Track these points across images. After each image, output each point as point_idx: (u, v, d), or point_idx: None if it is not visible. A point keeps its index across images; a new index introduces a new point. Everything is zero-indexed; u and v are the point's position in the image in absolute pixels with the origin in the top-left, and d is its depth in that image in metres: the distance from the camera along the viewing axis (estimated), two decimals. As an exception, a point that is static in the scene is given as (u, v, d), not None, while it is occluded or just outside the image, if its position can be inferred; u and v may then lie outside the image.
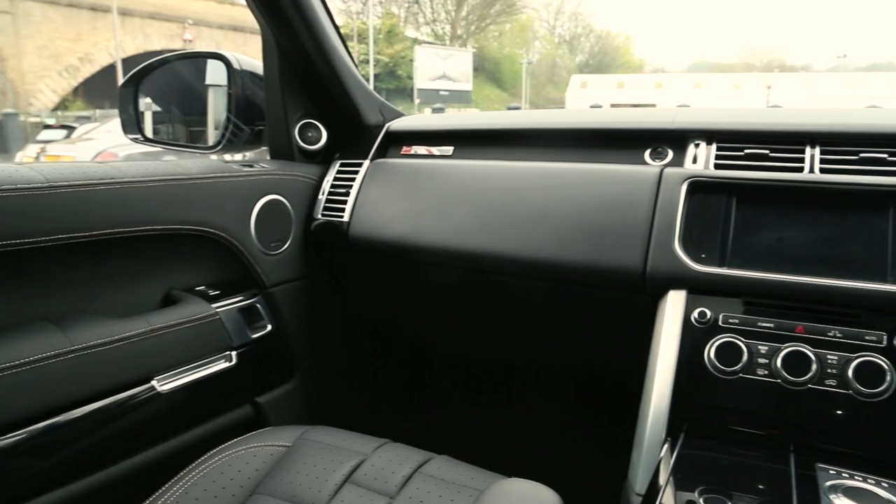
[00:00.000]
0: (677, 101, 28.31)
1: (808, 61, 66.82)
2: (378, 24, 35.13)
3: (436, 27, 43.19)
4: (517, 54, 45.55)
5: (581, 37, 55.91)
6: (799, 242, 0.97)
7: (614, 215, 1.06)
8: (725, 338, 0.93)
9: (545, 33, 54.01)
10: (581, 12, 59.62)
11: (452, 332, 1.52)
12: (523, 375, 1.67)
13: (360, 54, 31.24)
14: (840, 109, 1.21)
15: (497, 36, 47.15)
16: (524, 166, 1.20)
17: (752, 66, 56.68)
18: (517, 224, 1.13)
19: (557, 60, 51.86)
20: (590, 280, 1.07)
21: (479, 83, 37.78)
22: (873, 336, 0.89)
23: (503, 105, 35.42)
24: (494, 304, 1.27)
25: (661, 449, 0.91)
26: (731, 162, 1.06)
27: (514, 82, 41.40)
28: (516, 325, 1.32)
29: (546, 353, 1.40)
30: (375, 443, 0.97)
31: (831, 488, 0.79)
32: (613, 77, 40.37)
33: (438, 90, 30.58)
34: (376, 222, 1.27)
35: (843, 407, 0.88)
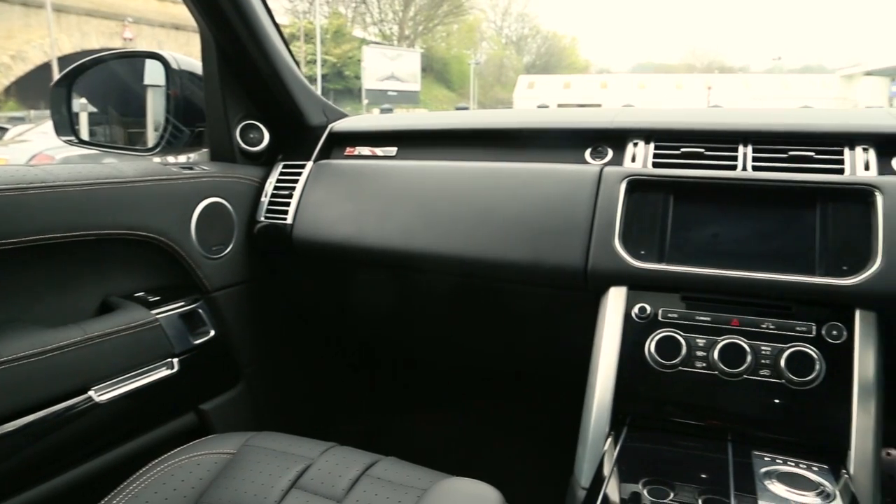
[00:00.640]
0: (622, 101, 28.91)
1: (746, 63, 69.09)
2: (325, 24, 34.80)
3: (383, 27, 43.03)
4: (465, 55, 45.71)
5: (528, 38, 56.52)
6: (733, 238, 1.01)
7: (556, 214, 1.08)
8: (665, 332, 0.96)
9: (493, 34, 54.38)
10: (528, 13, 60.31)
11: (400, 333, 1.52)
12: (472, 374, 1.68)
13: (308, 54, 30.87)
14: (771, 110, 1.26)
15: (445, 37, 47.26)
16: (468, 166, 1.21)
17: (694, 67, 58.26)
18: (461, 224, 1.14)
19: (505, 61, 52.26)
20: (533, 278, 1.08)
21: (427, 84, 37.80)
22: (803, 327, 0.93)
23: (451, 105, 35.53)
24: (440, 304, 1.27)
25: (605, 442, 0.93)
26: (669, 160, 1.09)
27: (462, 83, 41.58)
28: (463, 325, 1.33)
29: (493, 352, 1.41)
30: (322, 447, 0.96)
31: (766, 474, 0.82)
32: (560, 77, 40.99)
33: (386, 91, 30.47)
34: (320, 224, 1.25)
35: (777, 396, 0.91)
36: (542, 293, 1.11)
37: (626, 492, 0.81)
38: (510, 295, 1.16)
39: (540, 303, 1.15)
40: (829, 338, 0.91)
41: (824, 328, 0.92)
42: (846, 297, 0.92)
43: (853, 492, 0.82)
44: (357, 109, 24.27)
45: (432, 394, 1.77)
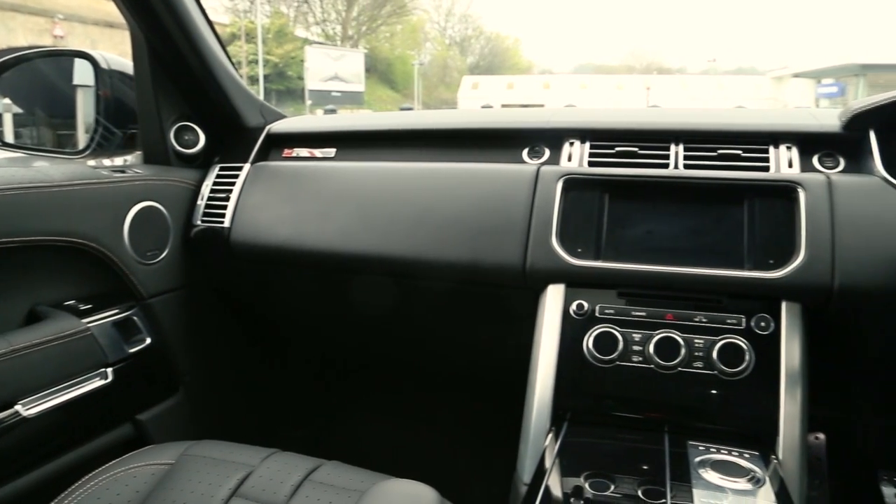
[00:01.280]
0: (564, 102, 29.36)
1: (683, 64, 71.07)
2: (266, 24, 34.18)
3: (326, 27, 42.58)
4: (409, 55, 45.63)
5: (471, 38, 56.79)
6: (666, 234, 1.04)
7: (494, 214, 1.09)
8: (602, 328, 0.98)
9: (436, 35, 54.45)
10: (471, 14, 60.56)
11: (342, 336, 1.51)
12: (416, 375, 1.68)
13: (249, 54, 30.30)
14: (702, 110, 1.30)
15: (388, 37, 47.08)
16: (407, 167, 1.21)
17: (633, 68, 59.59)
18: (400, 225, 1.14)
19: (449, 62, 52.42)
20: (473, 278, 1.09)
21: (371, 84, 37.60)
22: (733, 319, 0.96)
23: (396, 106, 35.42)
24: (383, 304, 1.27)
25: (546, 438, 0.94)
26: (604, 159, 1.12)
27: (407, 83, 41.53)
28: (405, 325, 1.33)
29: (435, 351, 1.42)
30: (264, 453, 0.94)
31: (700, 463, 0.85)
32: (503, 78, 41.37)
33: (330, 91, 30.15)
34: (258, 227, 1.24)
35: (710, 386, 0.94)
36: (481, 292, 1.12)
37: (568, 486, 0.83)
38: (450, 294, 1.17)
39: (479, 302, 1.16)
40: (757, 329, 0.95)
41: (753, 320, 0.96)
42: (773, 289, 0.96)
43: (781, 476, 0.86)
44: (300, 110, 23.95)
45: (377, 396, 1.77)
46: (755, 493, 0.80)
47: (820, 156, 1.09)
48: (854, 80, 23.84)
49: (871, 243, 0.95)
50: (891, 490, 1.54)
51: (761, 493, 0.80)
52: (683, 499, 0.78)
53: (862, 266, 0.94)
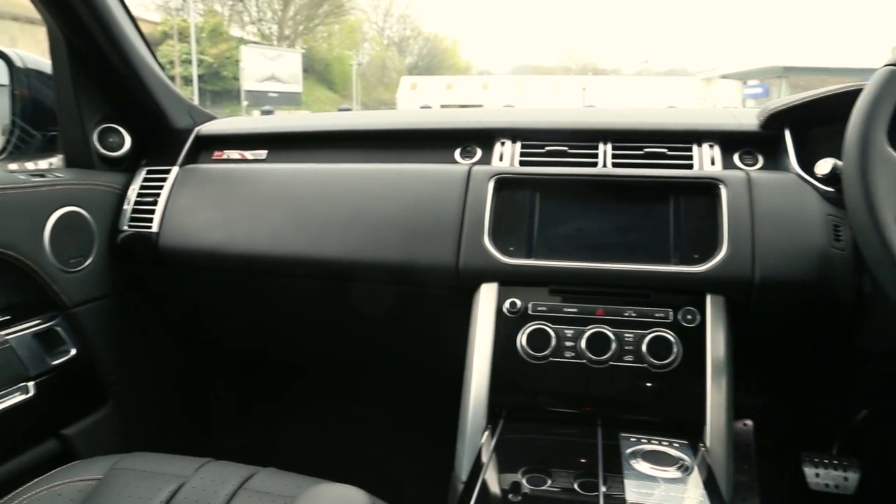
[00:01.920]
0: (503, 102, 29.67)
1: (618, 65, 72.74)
2: (200, 22, 33.30)
3: (262, 27, 41.77)
4: (347, 56, 45.23)
5: (410, 39, 56.73)
6: (596, 231, 1.06)
7: (427, 214, 1.10)
8: (535, 325, 1.00)
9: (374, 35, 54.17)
10: (409, 15, 60.52)
11: (277, 340, 1.49)
12: (354, 377, 1.67)
13: (182, 54, 29.43)
14: (630, 109, 1.33)
15: (326, 37, 46.57)
16: (339, 168, 1.20)
17: (570, 69, 60.61)
18: (333, 227, 1.13)
19: (387, 62, 52.22)
20: (407, 278, 1.10)
21: (309, 85, 37.11)
22: (661, 313, 0.99)
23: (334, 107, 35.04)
24: (317, 308, 1.26)
25: (483, 436, 0.95)
26: (534, 159, 1.14)
27: (345, 84, 41.14)
28: (341, 328, 1.32)
29: (372, 353, 1.41)
30: (197, 463, 0.92)
31: (631, 454, 0.87)
32: (442, 79, 41.43)
33: (267, 92, 29.60)
34: (188, 232, 1.21)
35: (640, 379, 0.97)
36: (415, 292, 1.13)
37: (506, 482, 0.84)
38: (385, 296, 1.17)
39: (414, 302, 1.16)
40: (684, 322, 0.98)
41: (680, 313, 0.99)
42: (698, 283, 1.00)
43: (709, 463, 0.89)
44: (236, 111, 23.42)
45: (315, 400, 1.75)
46: (684, 481, 0.83)
47: (740, 153, 1.13)
48: (777, 81, 24.92)
49: (788, 237, 0.99)
50: (812, 470, 1.62)
51: (690, 481, 0.83)
52: (616, 490, 0.80)
53: (780, 259, 0.98)
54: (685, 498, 0.80)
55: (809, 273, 0.98)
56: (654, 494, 0.79)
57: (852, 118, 0.83)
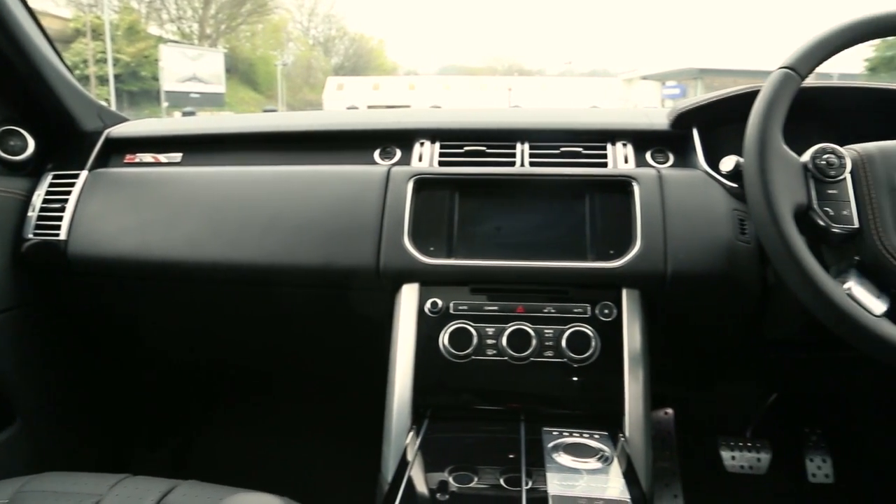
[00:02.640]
0: (430, 102, 29.71)
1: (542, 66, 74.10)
2: (115, 20, 31.94)
3: (182, 25, 40.42)
4: (272, 56, 44.33)
5: (335, 39, 56.12)
6: (515, 230, 1.08)
7: (346, 216, 1.09)
8: (457, 324, 1.00)
9: (299, 35, 53.31)
10: (334, 14, 59.85)
11: (197, 349, 1.45)
12: (277, 384, 1.64)
13: (97, 52, 28.16)
14: (548, 109, 1.36)
15: (249, 36, 45.51)
16: (257, 171, 1.18)
17: (496, 70, 61.39)
18: (250, 231, 1.11)
19: (313, 62, 51.51)
20: (327, 282, 1.09)
21: (232, 85, 36.20)
22: (580, 308, 1.02)
23: (259, 108, 34.27)
24: (236, 314, 1.23)
25: (408, 436, 0.95)
26: (454, 159, 1.15)
27: (270, 84, 40.30)
28: (262, 334, 1.30)
29: (295, 358, 1.39)
30: (112, 480, 0.88)
31: (553, 448, 0.89)
32: (369, 79, 41.16)
33: (189, 93, 28.68)
34: (99, 239, 1.16)
35: (561, 374, 0.99)
36: (336, 295, 1.12)
37: (433, 482, 0.84)
38: (305, 300, 1.15)
39: (335, 305, 1.15)
40: (601, 316, 1.01)
41: (597, 308, 1.02)
42: (613, 278, 1.03)
43: (628, 452, 0.92)
44: (156, 113, 22.61)
45: (237, 408, 1.71)
46: (605, 471, 0.85)
47: (652, 152, 1.17)
48: (693, 82, 25.95)
49: (697, 232, 1.04)
50: (728, 453, 1.69)
51: (610, 470, 0.85)
52: (539, 483, 0.81)
53: (690, 253, 1.02)
54: (605, 487, 0.82)
55: (717, 266, 1.02)
56: (576, 486, 0.81)
57: (750, 118, 0.87)
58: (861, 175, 0.86)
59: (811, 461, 1.70)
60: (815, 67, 0.88)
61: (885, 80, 1.36)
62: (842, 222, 0.85)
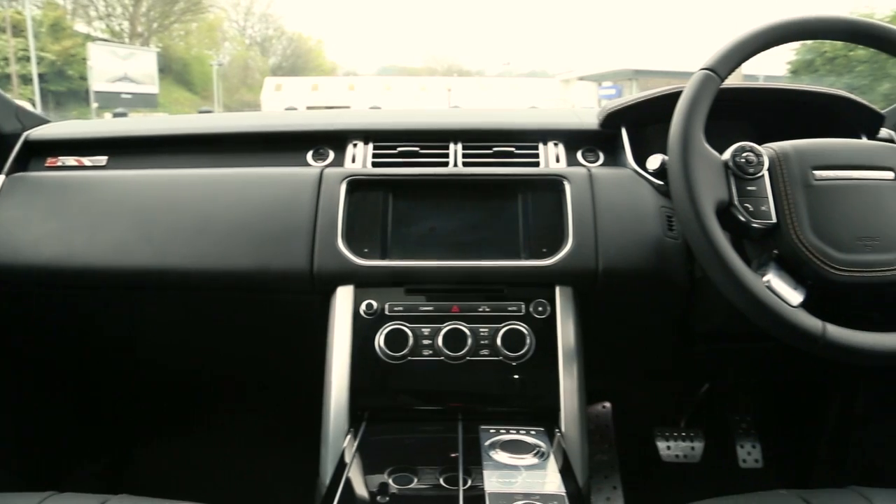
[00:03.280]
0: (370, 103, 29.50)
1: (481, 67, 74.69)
2: (38, 16, 30.59)
3: (111, 23, 39.03)
4: (207, 55, 43.25)
5: (273, 39, 55.21)
6: (449, 230, 1.09)
7: (278, 218, 1.07)
8: (392, 325, 1.00)
9: (235, 34, 52.23)
10: (271, 14, 58.86)
11: (129, 356, 1.40)
12: (214, 391, 1.61)
13: (18, 50, 26.88)
14: (482, 110, 1.38)
15: (183, 35, 44.31)
16: (186, 174, 1.15)
17: (435, 70, 61.58)
18: (180, 235, 1.08)
19: (250, 62, 50.55)
20: (261, 286, 1.07)
21: (166, 85, 35.17)
22: (514, 306, 1.03)
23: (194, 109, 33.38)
24: (169, 321, 1.20)
25: (345, 440, 0.95)
26: (387, 160, 1.15)
27: (206, 85, 39.30)
28: (196, 340, 1.27)
29: (231, 365, 1.37)
30: (36, 499, 0.85)
31: (490, 445, 0.90)
32: (308, 80, 40.61)
33: (120, 93, 27.67)
34: (17, 247, 1.11)
35: (497, 372, 1.00)
36: (271, 300, 1.10)
37: (373, 484, 0.84)
38: (239, 305, 1.13)
39: (270, 310, 1.14)
40: (535, 314, 1.03)
41: (531, 305, 1.03)
42: (546, 276, 1.04)
43: (564, 447, 0.93)
44: (85, 114, 21.77)
45: (173, 418, 1.66)
46: (542, 467, 0.86)
47: (583, 151, 1.20)
48: (629, 83, 26.57)
49: (627, 229, 1.06)
50: (664, 444, 1.74)
51: (546, 466, 0.87)
52: (477, 481, 0.82)
53: (620, 250, 1.05)
54: (541, 483, 0.83)
55: (647, 261, 1.05)
56: (512, 482, 0.82)
57: (674, 118, 0.90)
58: (778, 172, 0.90)
59: (741, 447, 1.77)
60: (734, 69, 0.92)
61: (805, 83, 1.43)
62: (761, 218, 0.88)
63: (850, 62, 8.28)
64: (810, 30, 0.92)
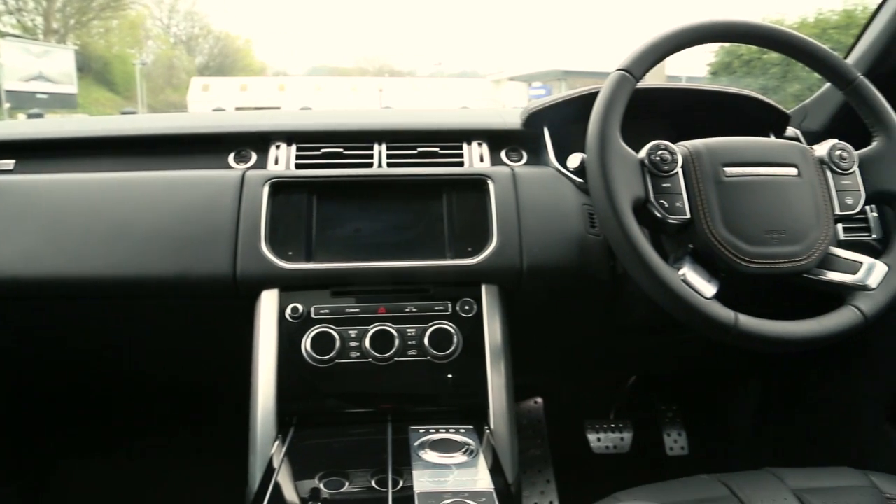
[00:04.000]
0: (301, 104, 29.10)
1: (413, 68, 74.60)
2: (-61, 12, 28.85)
3: (23, 18, 37.11)
4: (129, 54, 41.66)
5: (199, 38, 53.66)
6: (374, 231, 1.09)
7: (199, 223, 1.05)
8: (319, 328, 1.00)
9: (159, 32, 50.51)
10: (197, 12, 57.16)
11: (45, 369, 1.34)
12: (140, 402, 1.55)
13: (-82, 48, 25.24)
14: (409, 110, 1.38)
15: (103, 33, 42.54)
16: (101, 178, 1.11)
17: (366, 70, 61.12)
18: (95, 242, 1.04)
19: (175, 62, 48.98)
20: (181, 292, 1.04)
21: (86, 85, 33.72)
22: (441, 306, 1.04)
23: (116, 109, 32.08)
24: (87, 331, 1.15)
25: (274, 446, 0.93)
26: (311, 161, 1.14)
27: (129, 85, 37.81)
28: (117, 351, 1.22)
29: (155, 375, 1.33)
30: None
31: (420, 445, 0.90)
32: (237, 80, 39.68)
33: (35, 93, 26.34)
34: None
35: (425, 372, 1.01)
36: (193, 306, 1.08)
37: (304, 490, 0.83)
38: (160, 312, 1.10)
39: (193, 316, 1.11)
40: (462, 313, 1.04)
41: (458, 304, 1.04)
42: (472, 274, 1.05)
43: (493, 444, 0.94)
44: (-3, 115, 20.65)
45: (97, 432, 1.60)
46: (471, 464, 0.87)
47: (507, 150, 1.22)
48: (558, 83, 27.09)
49: (550, 226, 1.09)
50: (594, 436, 1.79)
51: (476, 463, 0.87)
52: (407, 481, 0.82)
53: (544, 247, 1.07)
54: (471, 480, 0.84)
55: (570, 258, 1.08)
56: (442, 481, 0.82)
57: (591, 117, 0.92)
58: (691, 169, 0.93)
59: (668, 436, 1.83)
60: (649, 69, 0.95)
61: (723, 83, 1.48)
62: (676, 213, 0.91)
63: (764, 65, 8.67)
64: (719, 33, 0.96)
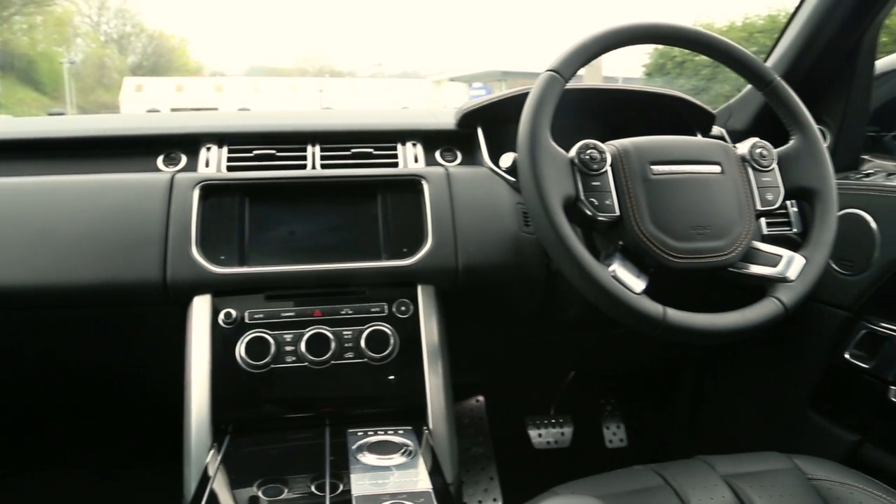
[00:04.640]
0: (239, 105, 28.55)
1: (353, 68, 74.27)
2: None
3: (-62, 16, 35.31)
4: (56, 52, 40.12)
5: (131, 36, 52.12)
6: (308, 233, 1.07)
7: (126, 228, 1.01)
8: (253, 333, 0.97)
9: (88, 30, 48.85)
10: (128, 9, 55.52)
11: None
12: (68, 416, 1.49)
13: None
14: (339, 111, 1.37)
15: (26, 29, 40.81)
16: (21, 182, 1.06)
17: (306, 71, 60.54)
18: (14, 249, 0.99)
19: (106, 61, 47.39)
20: (108, 300, 1.00)
21: (9, 85, 32.35)
22: (377, 307, 1.03)
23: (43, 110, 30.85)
24: (10, 341, 1.10)
25: (209, 455, 0.91)
26: (242, 164, 1.11)
27: (56, 84, 36.34)
28: (42, 364, 1.17)
29: (86, 387, 1.28)
30: None
31: (358, 448, 0.90)
32: (172, 80, 38.67)
33: (-47, 93, 25.14)
34: None
35: (362, 374, 1.00)
36: (122, 313, 1.04)
37: (241, 498, 0.81)
38: (86, 321, 1.06)
39: (121, 324, 1.07)
40: (398, 313, 1.03)
41: (394, 305, 1.03)
42: (407, 275, 1.05)
43: (432, 444, 0.94)
44: (-90, 117, 19.55)
45: (31, 450, 1.53)
46: (411, 465, 0.87)
47: (441, 151, 1.22)
48: (498, 84, 27.34)
49: (485, 225, 1.09)
50: (535, 432, 1.81)
51: (415, 464, 0.87)
52: (346, 485, 0.81)
53: (479, 246, 1.08)
54: (409, 482, 0.83)
55: (505, 257, 1.09)
56: (380, 483, 0.82)
57: (522, 117, 0.93)
58: (619, 167, 0.95)
59: (607, 429, 1.87)
60: (577, 70, 0.96)
61: (658, 84, 1.53)
62: (605, 211, 0.93)
63: (696, 66, 8.95)
64: (644, 35, 0.98)
